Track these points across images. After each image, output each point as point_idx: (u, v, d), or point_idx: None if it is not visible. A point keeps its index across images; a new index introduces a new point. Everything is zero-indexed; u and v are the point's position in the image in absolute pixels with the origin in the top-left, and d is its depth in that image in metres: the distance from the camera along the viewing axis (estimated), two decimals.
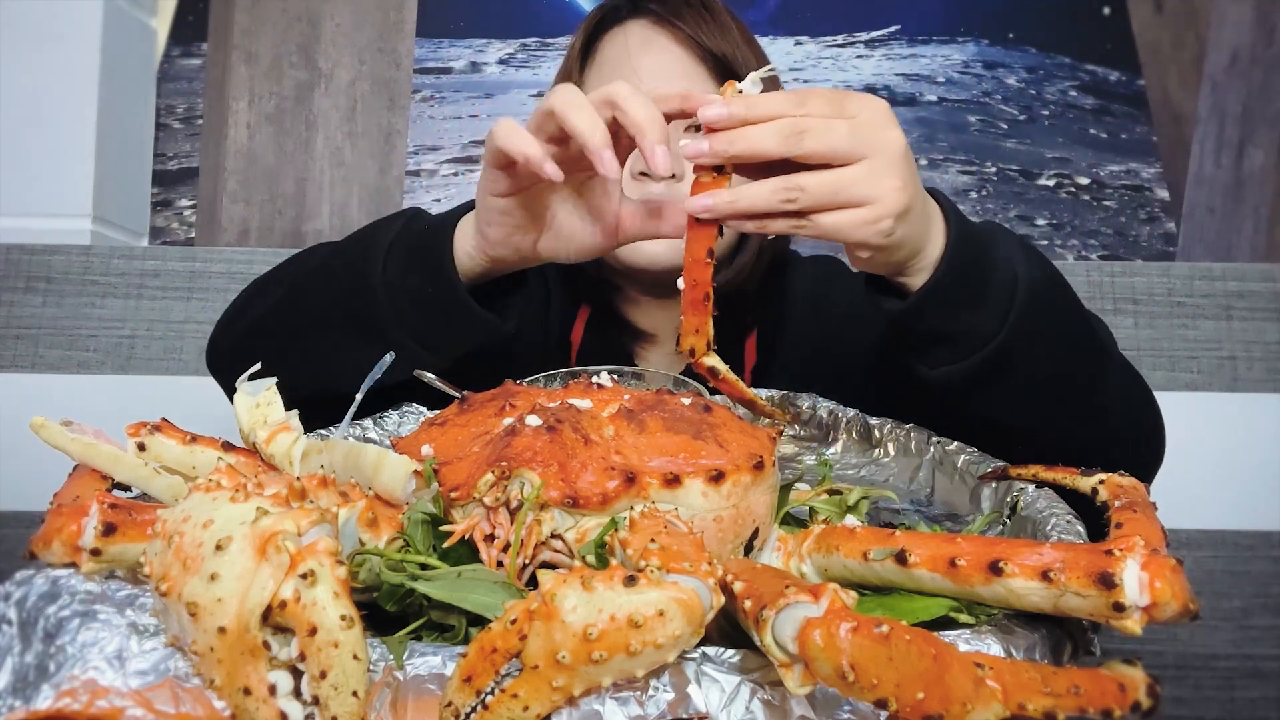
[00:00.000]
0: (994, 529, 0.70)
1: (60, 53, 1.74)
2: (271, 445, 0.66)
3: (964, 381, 0.79)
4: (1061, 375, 0.82)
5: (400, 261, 0.86)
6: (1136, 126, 1.85)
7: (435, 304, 0.85)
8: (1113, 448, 0.84)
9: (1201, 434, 1.50)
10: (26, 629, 0.51)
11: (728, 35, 1.06)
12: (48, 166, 1.73)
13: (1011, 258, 0.79)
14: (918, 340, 0.80)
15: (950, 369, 0.79)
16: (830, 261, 1.23)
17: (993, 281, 0.77)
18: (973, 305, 0.77)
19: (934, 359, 0.79)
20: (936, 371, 0.79)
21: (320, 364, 0.89)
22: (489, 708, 0.44)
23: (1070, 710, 0.46)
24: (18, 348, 1.59)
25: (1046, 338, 0.80)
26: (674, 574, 0.45)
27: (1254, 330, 1.55)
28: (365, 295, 0.86)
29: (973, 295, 0.77)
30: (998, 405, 0.80)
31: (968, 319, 0.77)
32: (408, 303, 0.86)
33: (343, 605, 0.44)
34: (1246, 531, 1.53)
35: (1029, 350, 0.78)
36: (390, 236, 0.88)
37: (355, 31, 1.95)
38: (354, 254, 0.90)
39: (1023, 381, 0.79)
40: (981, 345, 0.77)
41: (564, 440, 0.57)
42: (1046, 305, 0.80)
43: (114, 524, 0.53)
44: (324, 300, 0.91)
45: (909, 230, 0.72)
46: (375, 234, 0.90)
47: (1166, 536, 0.55)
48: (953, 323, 0.77)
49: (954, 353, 0.78)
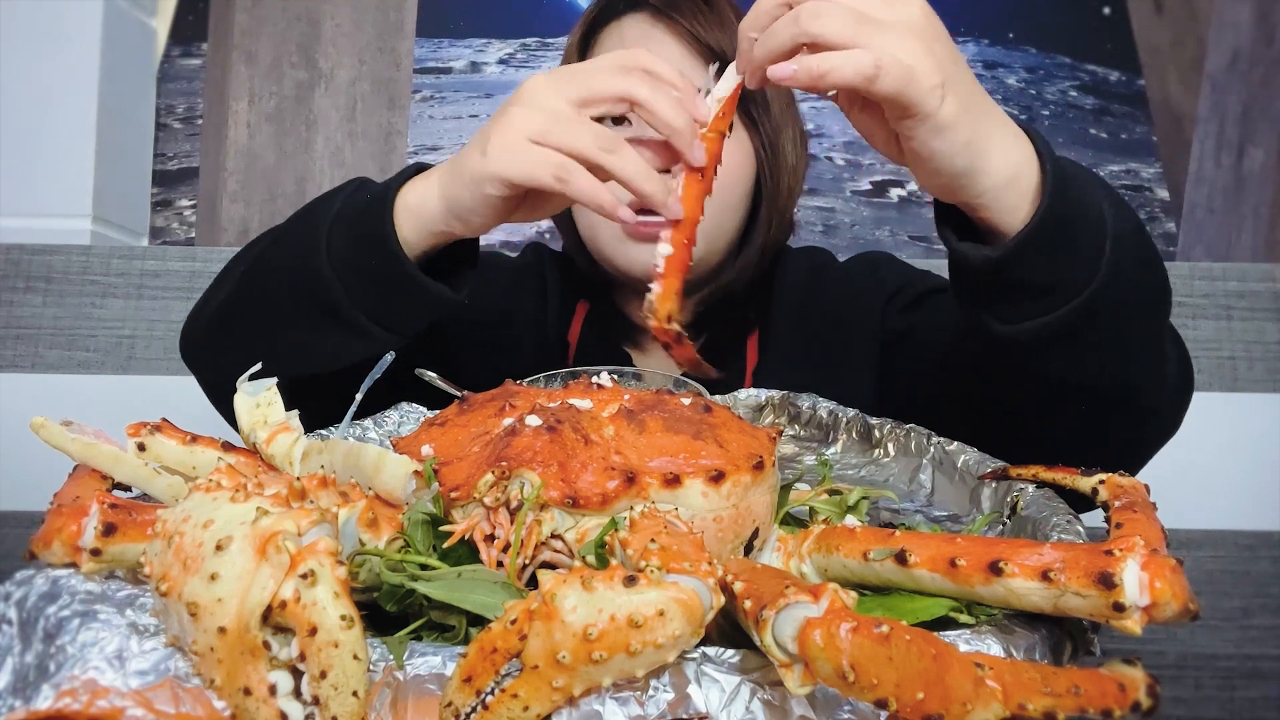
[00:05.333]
0: (994, 529, 0.70)
1: (60, 53, 1.74)
2: (271, 445, 0.66)
3: (1048, 337, 0.72)
4: (1139, 327, 0.76)
5: (344, 240, 0.83)
6: (1136, 126, 1.86)
7: (384, 281, 0.82)
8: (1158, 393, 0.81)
9: (1201, 434, 1.50)
10: (26, 629, 0.51)
11: (726, 28, 1.05)
12: (48, 166, 1.73)
13: (1098, 198, 0.72)
14: (1002, 291, 0.73)
15: (1033, 324, 0.72)
16: (819, 251, 1.22)
17: (1086, 225, 0.71)
18: (1069, 251, 0.70)
19: (1016, 313, 0.73)
20: (1017, 327, 0.73)
21: (287, 348, 0.87)
22: (489, 708, 0.44)
23: (1070, 710, 0.46)
24: (18, 348, 1.59)
25: (1132, 287, 0.74)
26: (674, 574, 0.45)
27: (1254, 330, 1.55)
28: (314, 277, 0.83)
29: (1070, 240, 0.70)
30: (1072, 362, 0.74)
31: (1064, 267, 0.70)
32: (356, 282, 0.82)
33: (343, 605, 0.44)
34: (1246, 531, 1.53)
35: (1116, 301, 0.72)
36: (331, 216, 0.84)
37: (355, 31, 1.95)
38: (299, 235, 0.86)
39: (1102, 337, 0.74)
40: (1073, 296, 0.71)
41: (564, 440, 0.57)
42: (1134, 251, 0.73)
43: (114, 524, 0.53)
44: (277, 284, 0.88)
45: (962, 111, 0.66)
46: (317, 212, 0.86)
47: (1166, 536, 0.55)
48: (1048, 271, 0.71)
49: (1042, 305, 0.72)
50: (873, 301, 1.12)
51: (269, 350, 0.86)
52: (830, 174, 1.94)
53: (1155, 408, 0.82)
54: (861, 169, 1.94)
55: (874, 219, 1.92)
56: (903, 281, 1.13)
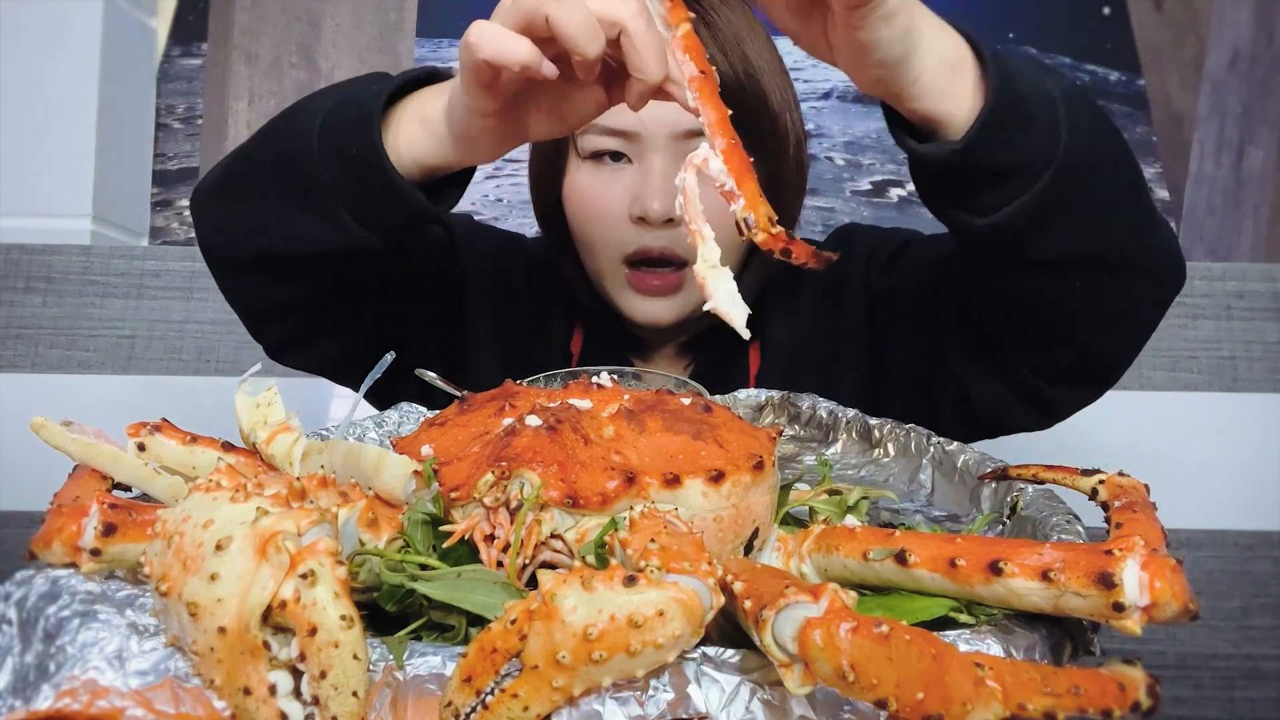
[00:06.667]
0: (994, 529, 0.70)
1: (60, 53, 1.74)
2: (271, 445, 0.66)
3: (1028, 217, 0.75)
4: (1112, 189, 0.79)
5: (338, 124, 0.82)
6: (1136, 126, 1.86)
7: (363, 175, 0.81)
8: (1165, 248, 0.84)
9: (1202, 434, 1.51)
10: (26, 629, 0.51)
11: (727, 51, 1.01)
12: (48, 166, 1.73)
13: (1039, 75, 0.76)
14: (973, 182, 0.75)
15: (1011, 208, 0.75)
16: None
17: (1037, 99, 0.74)
18: (1026, 125, 0.73)
19: (991, 202, 0.75)
20: (996, 215, 0.75)
21: (269, 220, 0.87)
22: (489, 708, 0.44)
23: (1070, 710, 0.46)
24: (18, 348, 1.59)
25: (1095, 150, 0.77)
26: (674, 574, 0.45)
27: (1254, 330, 1.55)
28: (305, 155, 0.83)
29: (1025, 115, 0.73)
30: (1056, 238, 0.77)
31: (1025, 143, 0.73)
32: (340, 169, 0.82)
33: (343, 605, 0.44)
34: (1246, 531, 1.53)
35: (1083, 166, 0.75)
36: (337, 99, 0.84)
37: (355, 31, 1.95)
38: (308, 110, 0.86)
39: (1078, 206, 0.76)
40: (1042, 169, 0.74)
41: (564, 440, 0.57)
42: (1088, 115, 0.76)
43: (114, 524, 0.53)
44: (276, 154, 0.87)
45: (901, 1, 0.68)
46: (329, 93, 0.86)
47: (1166, 536, 0.55)
48: (1012, 150, 0.73)
49: (1014, 187, 0.74)
50: (848, 276, 1.13)
51: (255, 217, 0.87)
52: (830, 174, 1.94)
53: (1149, 268, 0.85)
54: (861, 169, 1.94)
55: (874, 219, 1.92)
56: (873, 244, 1.14)
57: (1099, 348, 0.88)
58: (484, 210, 1.94)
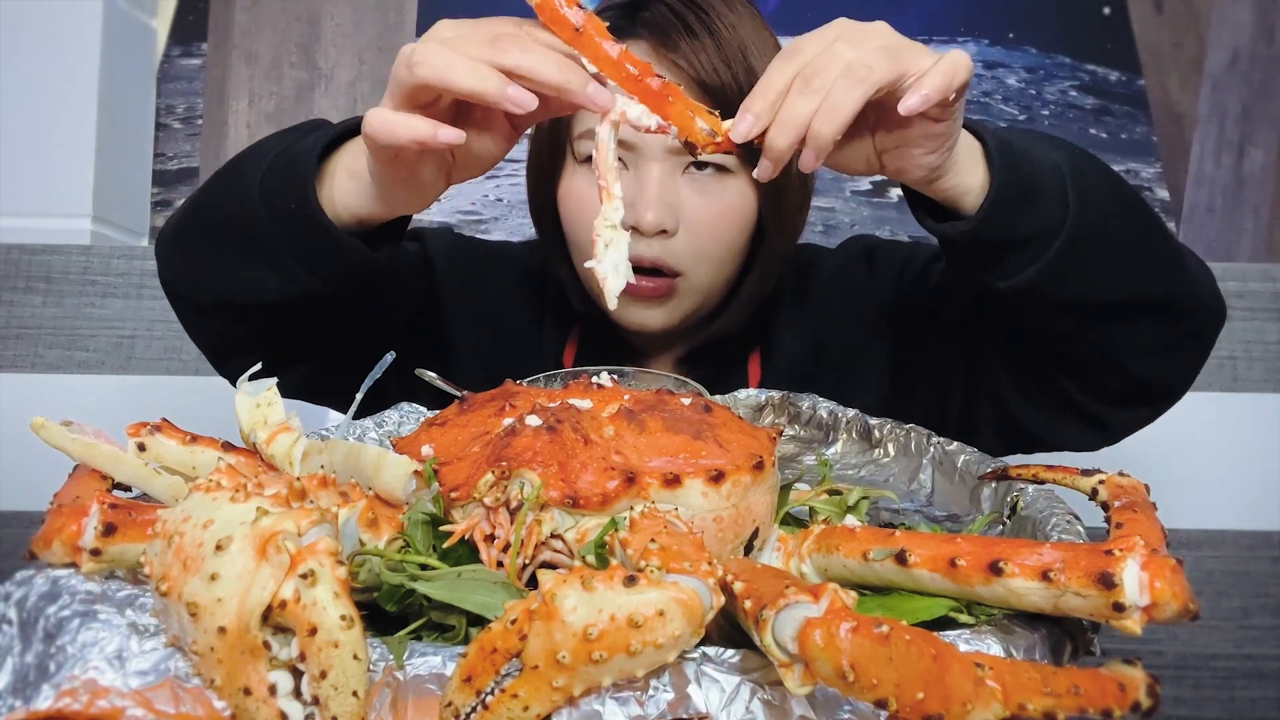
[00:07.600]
0: (994, 529, 0.70)
1: (60, 53, 1.73)
2: (271, 445, 0.66)
3: (1048, 278, 0.80)
4: (1133, 236, 0.84)
5: (276, 178, 0.83)
6: (1136, 126, 1.85)
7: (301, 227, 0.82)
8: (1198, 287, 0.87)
9: (1201, 434, 1.50)
10: (27, 629, 0.51)
11: (730, 62, 0.99)
12: (48, 166, 1.73)
13: (1041, 148, 0.81)
14: (990, 253, 0.81)
15: (1029, 272, 0.80)
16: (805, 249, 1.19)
17: (1040, 173, 0.79)
18: (1033, 200, 0.79)
19: (1010, 268, 0.81)
20: (1016, 278, 0.81)
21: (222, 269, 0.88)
22: (489, 708, 0.44)
23: (1070, 710, 0.46)
24: (18, 348, 1.59)
25: (1103, 205, 0.82)
26: (674, 574, 0.45)
27: (1254, 330, 1.55)
28: (248, 211, 0.84)
29: (1031, 191, 0.79)
30: (1085, 284, 0.82)
31: (1034, 216, 0.79)
32: (280, 220, 0.83)
33: (343, 605, 0.44)
34: (1246, 531, 1.53)
35: (1095, 225, 0.80)
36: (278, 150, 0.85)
37: (355, 31, 1.95)
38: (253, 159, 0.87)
39: (1099, 251, 0.81)
40: (1054, 237, 0.79)
41: (564, 440, 0.57)
42: (1093, 179, 0.82)
43: (114, 524, 0.53)
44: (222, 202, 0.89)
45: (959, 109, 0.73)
46: (270, 144, 0.87)
47: (1166, 536, 0.55)
48: (1022, 224, 0.79)
49: (1029, 253, 0.80)
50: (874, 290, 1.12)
51: (212, 267, 0.89)
52: (830, 174, 1.94)
53: (1184, 308, 0.87)
54: None
55: (874, 219, 1.91)
56: (901, 259, 1.13)
57: (1148, 376, 0.90)
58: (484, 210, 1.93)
